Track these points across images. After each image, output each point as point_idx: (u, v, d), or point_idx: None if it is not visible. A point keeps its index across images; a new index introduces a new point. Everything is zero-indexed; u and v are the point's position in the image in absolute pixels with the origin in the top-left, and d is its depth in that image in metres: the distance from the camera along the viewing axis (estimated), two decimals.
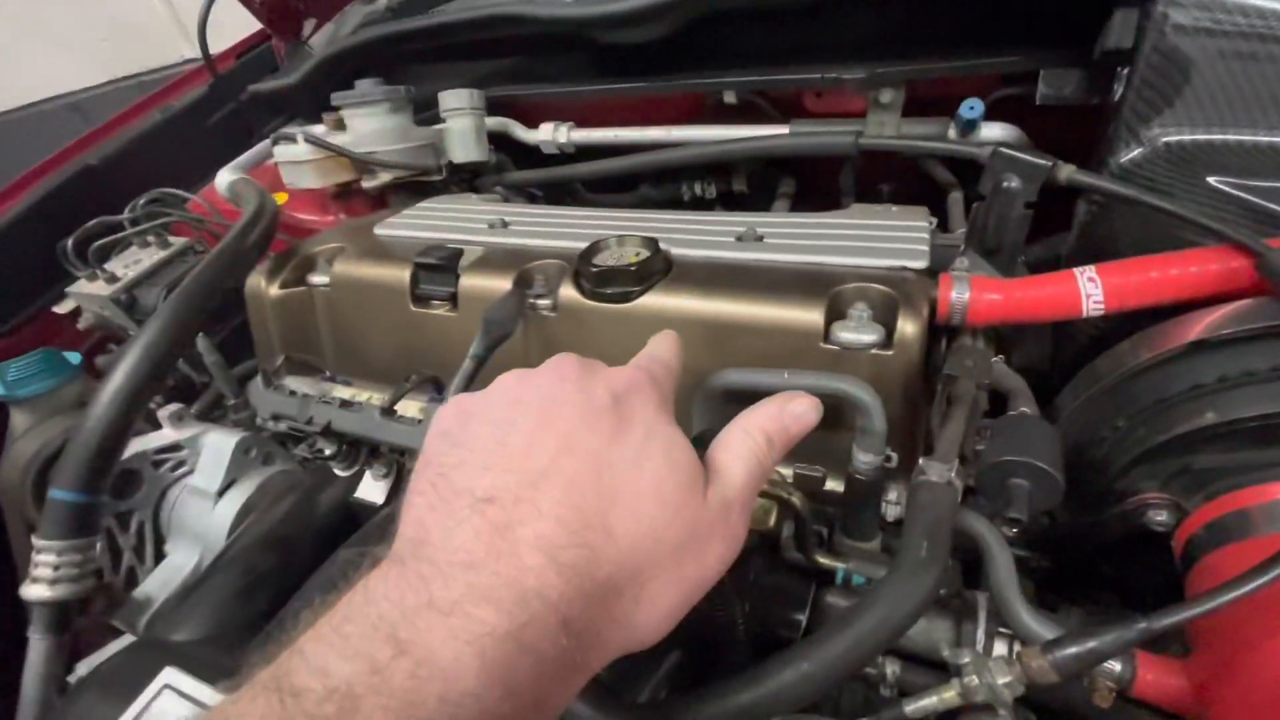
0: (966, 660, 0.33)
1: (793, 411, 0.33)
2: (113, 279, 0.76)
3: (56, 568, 0.48)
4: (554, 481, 0.26)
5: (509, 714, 0.22)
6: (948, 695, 0.33)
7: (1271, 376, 0.37)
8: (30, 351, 0.70)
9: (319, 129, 0.86)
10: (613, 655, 0.27)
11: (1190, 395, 0.39)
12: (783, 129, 0.71)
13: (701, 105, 0.81)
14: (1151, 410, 0.40)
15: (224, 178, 0.78)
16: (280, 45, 1.10)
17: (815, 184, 0.84)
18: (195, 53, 2.15)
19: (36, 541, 0.48)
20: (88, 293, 0.77)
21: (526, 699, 0.22)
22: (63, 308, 0.82)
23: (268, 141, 0.87)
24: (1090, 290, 0.43)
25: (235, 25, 1.64)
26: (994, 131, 0.65)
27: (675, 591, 0.27)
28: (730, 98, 0.77)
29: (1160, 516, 0.40)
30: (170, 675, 0.40)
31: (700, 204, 0.90)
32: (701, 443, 0.31)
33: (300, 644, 0.22)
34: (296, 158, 0.81)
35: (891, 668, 0.44)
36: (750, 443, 0.31)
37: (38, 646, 0.48)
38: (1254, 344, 0.38)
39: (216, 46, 2.21)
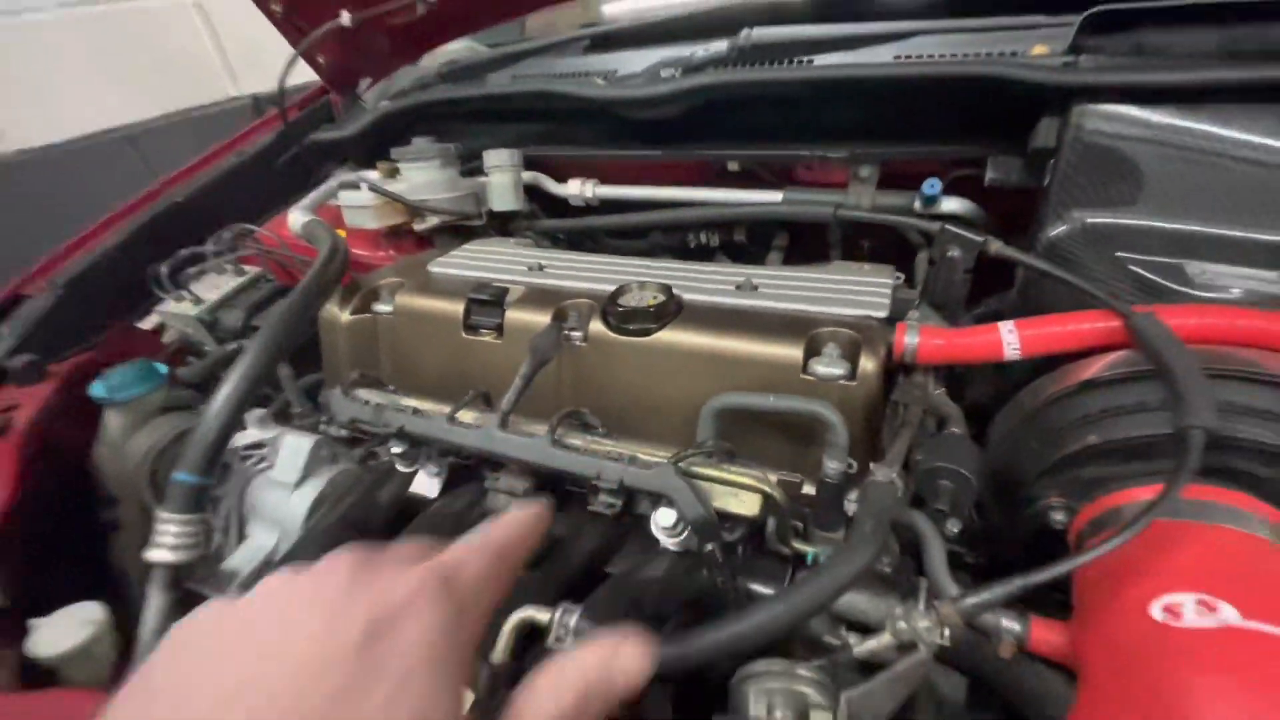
0: (899, 612, 0.43)
1: (623, 668, 0.28)
2: (197, 301, 0.88)
3: (176, 536, 0.59)
4: None
5: None
6: (885, 639, 0.44)
7: (1135, 409, 0.48)
8: (123, 361, 0.82)
9: (373, 175, 0.99)
10: None
11: (1079, 423, 0.51)
12: (777, 195, 0.84)
13: (709, 170, 0.94)
14: (1053, 434, 0.52)
15: (297, 218, 0.91)
16: (338, 100, 1.24)
17: (806, 238, 0.97)
18: (238, 90, 2.32)
19: (160, 514, 0.59)
20: (175, 312, 0.89)
21: None
22: (147, 324, 0.94)
23: (331, 184, 1.00)
24: (1010, 339, 0.55)
25: (278, 64, 1.83)
26: (952, 205, 0.78)
27: None
28: (734, 166, 0.90)
29: (1059, 516, 0.51)
30: None
31: (704, 250, 1.03)
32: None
33: None
34: (360, 202, 0.94)
35: (852, 639, 0.55)
36: (561, 699, 0.26)
37: (155, 602, 0.58)
38: (1123, 385, 0.50)
39: (262, 84, 2.38)
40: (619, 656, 0.28)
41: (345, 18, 1.02)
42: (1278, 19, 0.61)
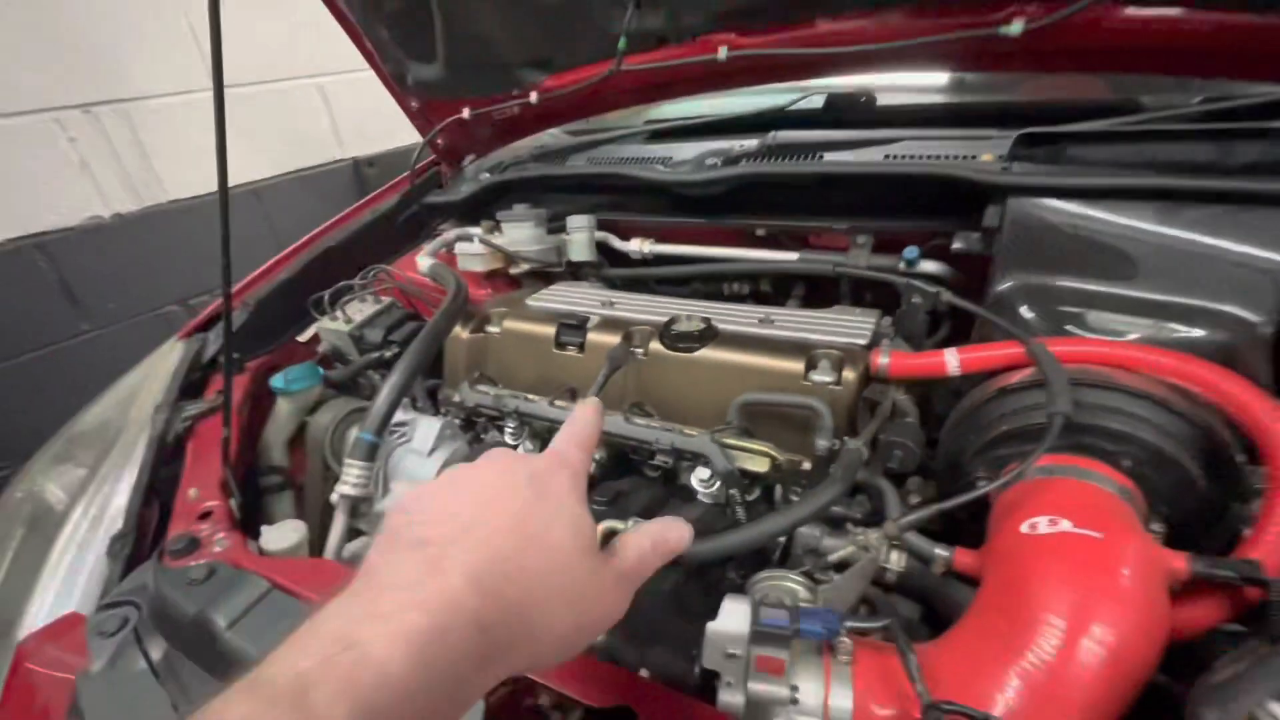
0: (858, 531, 0.65)
1: (671, 535, 0.46)
2: (348, 320, 1.17)
3: (357, 477, 0.84)
4: (479, 531, 0.34)
5: (430, 690, 0.28)
6: (849, 549, 0.65)
7: (1032, 407, 0.70)
8: (292, 364, 1.09)
9: (478, 231, 1.28)
10: (521, 662, 0.34)
11: (997, 418, 0.72)
12: (793, 255, 1.09)
13: (742, 235, 1.20)
14: (980, 426, 0.74)
15: (424, 262, 1.19)
16: (446, 170, 1.56)
17: (820, 290, 1.20)
18: (343, 154, 2.72)
19: (348, 460, 0.84)
20: (330, 328, 1.17)
21: (446, 681, 0.29)
22: (304, 337, 1.23)
23: (447, 236, 1.29)
24: (952, 361, 0.77)
25: (377, 133, 2.18)
26: (929, 266, 1.01)
27: (568, 624, 0.36)
28: (761, 232, 1.15)
29: (983, 483, 0.72)
30: None
31: (737, 297, 1.27)
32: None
33: (280, 647, 0.29)
34: (471, 251, 1.23)
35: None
36: (643, 544, 0.43)
37: (339, 525, 0.83)
38: (1025, 391, 0.71)
39: (362, 150, 2.79)
40: (671, 527, 0.47)
41: (466, 113, 1.34)
42: (1152, 139, 0.84)
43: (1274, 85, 0.92)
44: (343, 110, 2.65)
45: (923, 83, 1.27)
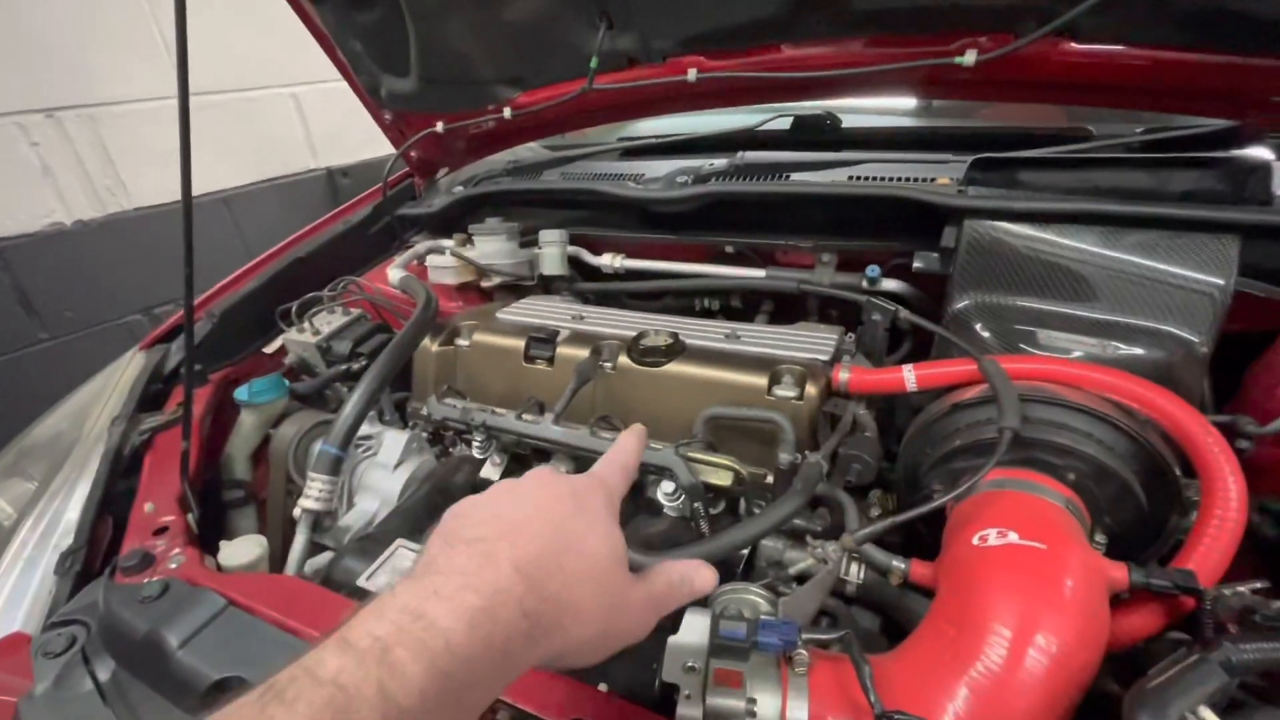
0: (818, 544, 0.66)
1: (699, 577, 0.49)
2: (316, 332, 1.15)
3: (319, 491, 0.83)
4: (526, 530, 0.39)
5: (485, 659, 0.33)
6: (809, 561, 0.66)
7: (985, 421, 0.72)
8: (258, 377, 1.08)
9: (450, 243, 1.28)
10: (556, 647, 0.38)
11: (951, 433, 0.74)
12: (760, 272, 1.11)
13: (711, 251, 1.22)
14: (935, 440, 0.76)
15: (395, 274, 1.19)
16: (419, 182, 1.56)
17: (787, 306, 1.23)
18: (316, 164, 2.70)
19: (311, 474, 0.83)
20: (297, 340, 1.15)
21: (496, 653, 0.34)
22: (270, 349, 1.21)
23: (419, 248, 1.29)
24: (910, 377, 0.80)
25: (352, 143, 2.17)
26: (891, 285, 1.04)
27: (597, 627, 0.40)
28: (729, 249, 1.17)
29: (934, 494, 0.74)
30: (401, 542, 0.74)
31: (707, 313, 1.29)
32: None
33: (354, 618, 0.33)
34: (443, 263, 1.23)
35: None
36: (673, 575, 0.48)
37: (301, 539, 0.82)
38: (977, 406, 0.74)
39: (336, 160, 2.77)
40: (701, 569, 0.50)
41: (439, 126, 1.35)
42: (1097, 167, 0.89)
43: (1206, 119, 0.97)
44: (317, 120, 2.63)
45: (886, 107, 1.31)
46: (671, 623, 0.59)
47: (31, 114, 1.91)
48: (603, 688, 0.56)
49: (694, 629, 0.59)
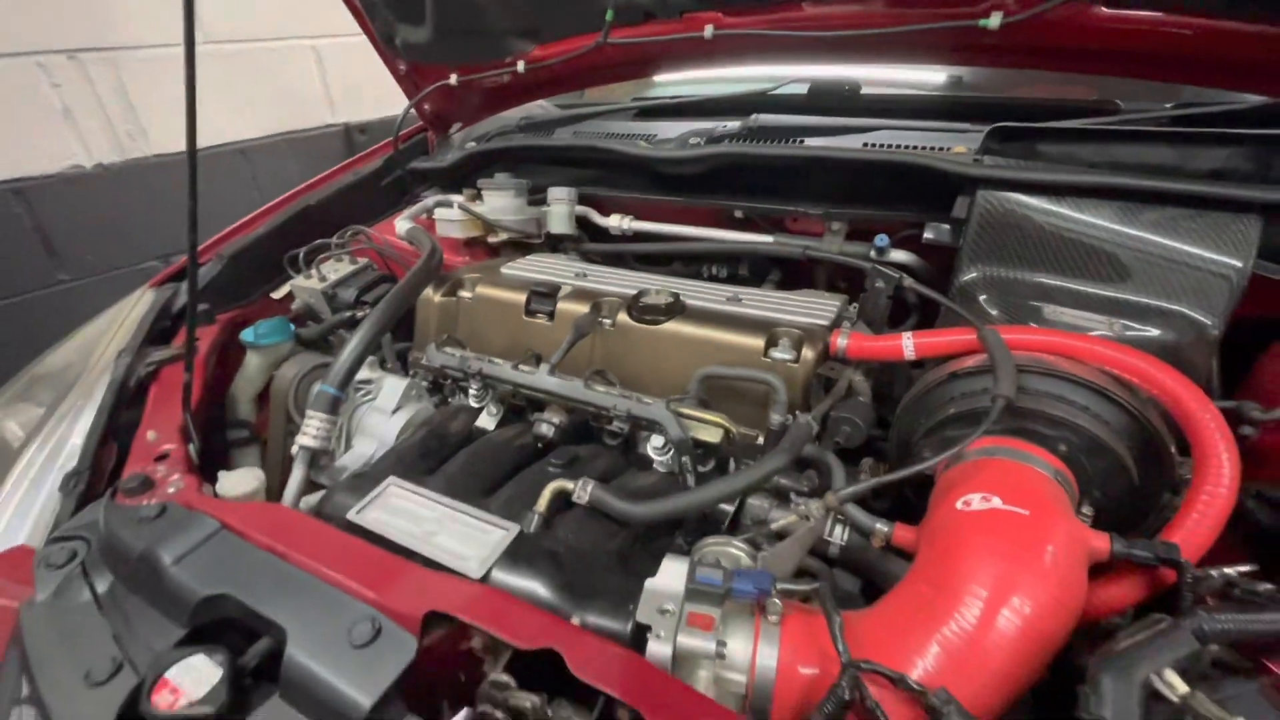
0: (800, 502, 0.66)
1: None
2: (322, 279, 1.16)
3: (317, 430, 0.84)
4: None
5: None
6: (791, 518, 0.66)
7: (981, 391, 0.71)
8: (266, 318, 1.09)
9: (459, 198, 1.28)
10: None
11: (946, 401, 0.74)
12: (769, 238, 1.09)
13: (720, 216, 1.20)
14: (930, 408, 0.75)
15: (402, 225, 1.19)
16: (433, 137, 1.55)
17: (796, 273, 1.21)
18: (334, 119, 2.70)
19: (309, 412, 0.84)
20: (304, 286, 1.16)
21: None
22: (278, 294, 1.22)
23: (428, 201, 1.29)
24: (908, 345, 0.79)
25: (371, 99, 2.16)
26: (899, 255, 1.02)
27: None
28: (739, 214, 1.16)
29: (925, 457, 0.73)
30: (393, 479, 0.75)
31: (714, 280, 1.28)
32: None
33: None
34: (451, 217, 1.22)
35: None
36: None
37: (297, 474, 0.83)
38: (974, 376, 0.73)
39: (354, 115, 2.76)
40: None
41: (453, 79, 1.33)
42: (1120, 140, 0.86)
43: (1246, 93, 0.93)
44: (337, 74, 2.61)
45: (908, 80, 1.28)
46: (653, 570, 0.60)
47: (53, 54, 1.92)
48: (576, 621, 0.57)
49: (671, 574, 0.60)
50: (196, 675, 0.53)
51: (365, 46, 1.35)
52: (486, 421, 0.93)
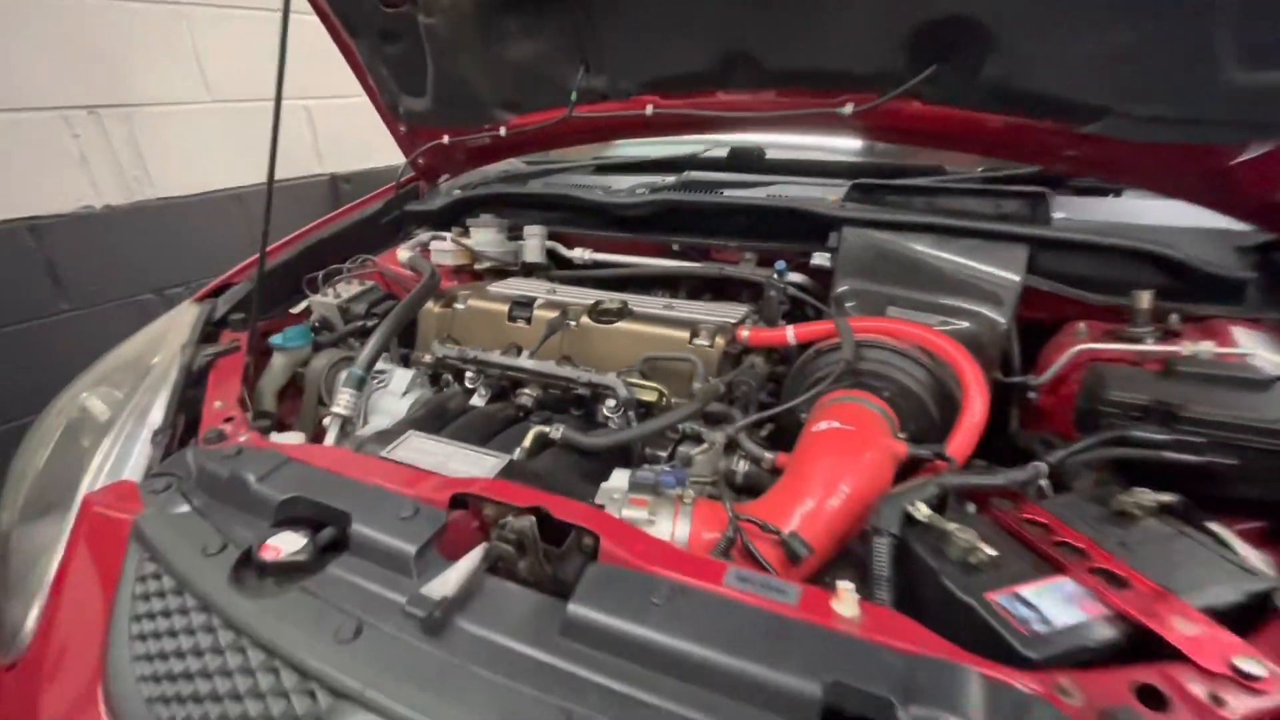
0: (706, 440, 0.94)
1: None
2: (337, 296, 1.42)
3: (348, 401, 1.08)
4: None
5: None
6: (704, 447, 0.94)
7: (834, 362, 1.02)
8: (290, 328, 1.33)
9: (449, 235, 1.56)
10: None
11: (813, 369, 1.04)
12: (698, 265, 1.41)
13: (662, 248, 1.51)
14: (805, 375, 1.05)
15: (404, 254, 1.46)
16: (424, 186, 1.84)
17: (721, 291, 1.52)
18: (321, 169, 2.97)
19: (341, 389, 1.09)
20: (322, 302, 1.41)
21: None
22: (297, 309, 1.46)
23: (423, 237, 1.57)
24: (790, 333, 1.10)
25: (355, 153, 2.46)
26: (795, 277, 1.34)
27: None
28: (675, 247, 1.47)
29: (803, 417, 1.03)
30: (413, 431, 1.00)
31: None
32: None
33: None
34: (444, 249, 1.51)
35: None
36: None
37: (331, 437, 1.07)
38: (830, 352, 1.04)
39: (339, 166, 3.03)
40: None
41: (446, 139, 1.64)
42: (940, 193, 1.21)
43: (1025, 163, 1.31)
44: (325, 130, 2.91)
45: (800, 143, 1.65)
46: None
47: (75, 109, 2.15)
48: None
49: (619, 478, 0.87)
50: (289, 541, 0.76)
51: (351, 107, 1.66)
52: (478, 401, 1.19)
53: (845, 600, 0.62)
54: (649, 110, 1.37)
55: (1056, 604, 0.64)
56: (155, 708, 0.70)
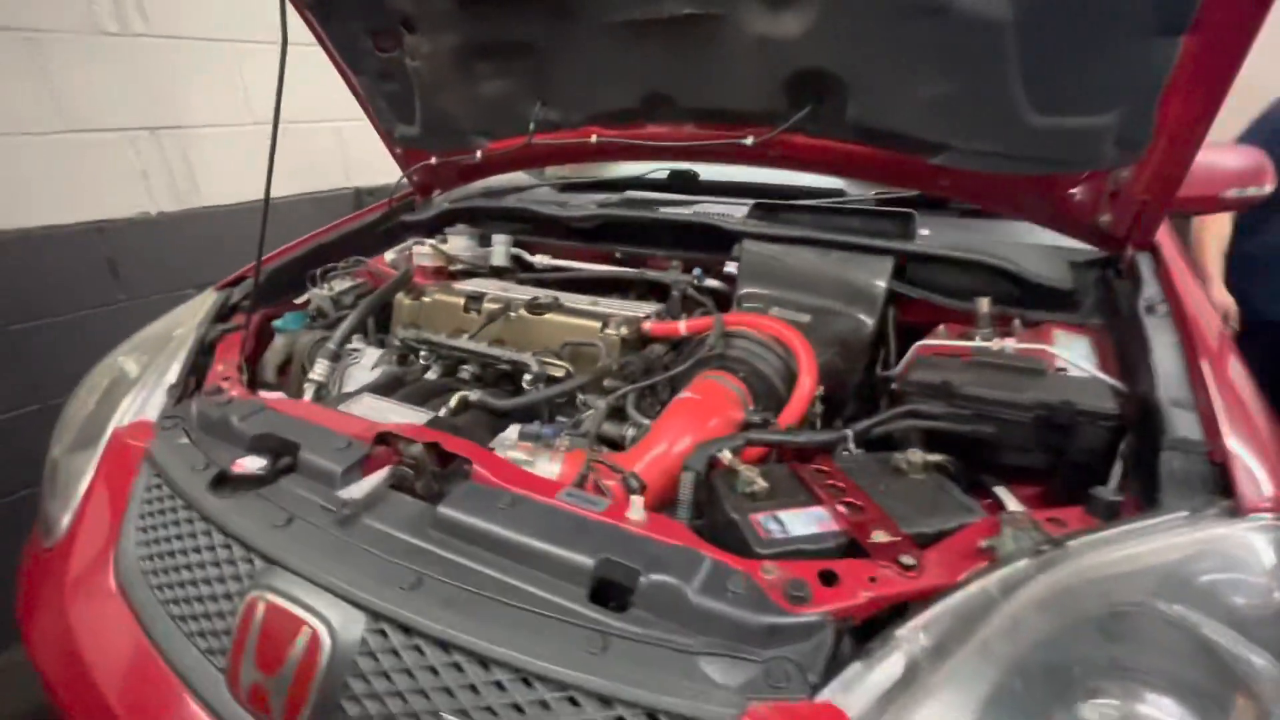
0: (591, 400, 1.16)
1: None
2: (331, 289, 1.69)
3: (323, 368, 1.34)
4: None
5: None
6: (591, 410, 1.16)
7: (705, 349, 1.23)
8: (290, 313, 1.61)
9: (431, 241, 1.83)
10: None
11: (691, 355, 1.25)
12: (629, 270, 1.64)
13: (608, 256, 1.75)
14: (685, 361, 1.27)
15: (390, 256, 1.73)
16: (419, 199, 2.13)
17: (650, 293, 1.74)
18: (348, 183, 3.32)
19: (317, 359, 1.35)
20: (319, 294, 1.69)
21: None
22: (300, 300, 1.75)
23: (409, 242, 1.84)
24: (681, 325, 1.31)
25: (379, 169, 2.77)
26: (711, 281, 1.56)
27: None
28: (619, 255, 1.71)
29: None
30: (366, 393, 1.25)
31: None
32: None
33: None
34: (424, 253, 1.78)
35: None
36: None
37: (307, 398, 1.33)
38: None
39: (364, 180, 3.36)
40: None
41: (434, 160, 1.92)
42: (827, 212, 1.42)
43: (905, 189, 1.51)
44: (354, 149, 3.26)
45: (730, 171, 1.87)
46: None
47: (139, 131, 2.53)
48: None
49: (512, 430, 1.10)
50: (253, 462, 1.02)
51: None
52: (431, 375, 1.44)
53: (635, 509, 0.84)
54: (594, 139, 1.62)
55: (801, 522, 0.84)
56: (148, 575, 0.96)
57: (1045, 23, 0.95)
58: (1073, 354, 1.09)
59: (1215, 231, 2.22)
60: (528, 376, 1.28)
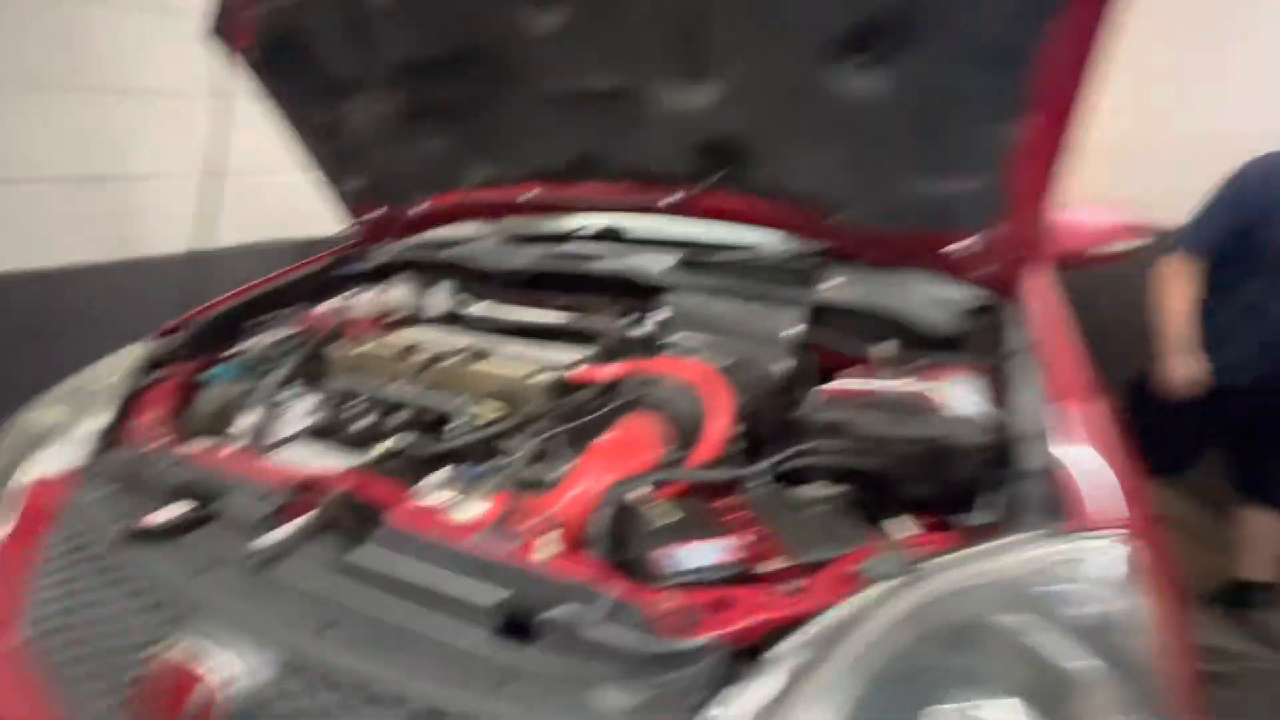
0: (522, 440, 1.21)
1: None
2: (267, 340, 1.71)
3: (252, 420, 1.36)
4: None
5: None
6: (521, 450, 1.21)
7: (629, 393, 1.30)
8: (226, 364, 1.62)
9: (371, 291, 1.88)
10: None
11: (616, 398, 1.32)
12: (567, 318, 1.71)
13: (547, 304, 1.82)
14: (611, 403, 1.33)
15: (330, 305, 1.77)
16: (362, 249, 2.18)
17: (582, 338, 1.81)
18: (293, 233, 3.35)
19: (246, 409, 1.36)
20: (255, 344, 1.71)
21: None
22: (234, 350, 1.76)
23: (349, 292, 1.88)
24: (605, 373, 1.38)
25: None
26: (641, 329, 1.64)
27: None
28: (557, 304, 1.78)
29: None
30: (296, 442, 1.27)
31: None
32: None
33: None
34: (363, 304, 1.82)
35: None
36: None
37: (238, 441, 1.34)
38: (636, 386, 1.32)
39: (325, 229, 3.37)
40: None
41: (378, 213, 1.98)
42: (746, 265, 1.53)
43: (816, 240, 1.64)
44: (299, 201, 3.26)
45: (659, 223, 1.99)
46: None
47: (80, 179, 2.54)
48: None
49: (441, 473, 1.13)
50: (170, 512, 1.02)
51: None
52: (364, 423, 1.46)
53: (542, 548, 0.88)
54: (532, 194, 1.71)
55: (701, 555, 0.90)
56: (57, 633, 0.95)
57: (911, 104, 1.09)
58: (961, 392, 1.20)
59: (1173, 307, 2.16)
60: (450, 424, 1.32)
